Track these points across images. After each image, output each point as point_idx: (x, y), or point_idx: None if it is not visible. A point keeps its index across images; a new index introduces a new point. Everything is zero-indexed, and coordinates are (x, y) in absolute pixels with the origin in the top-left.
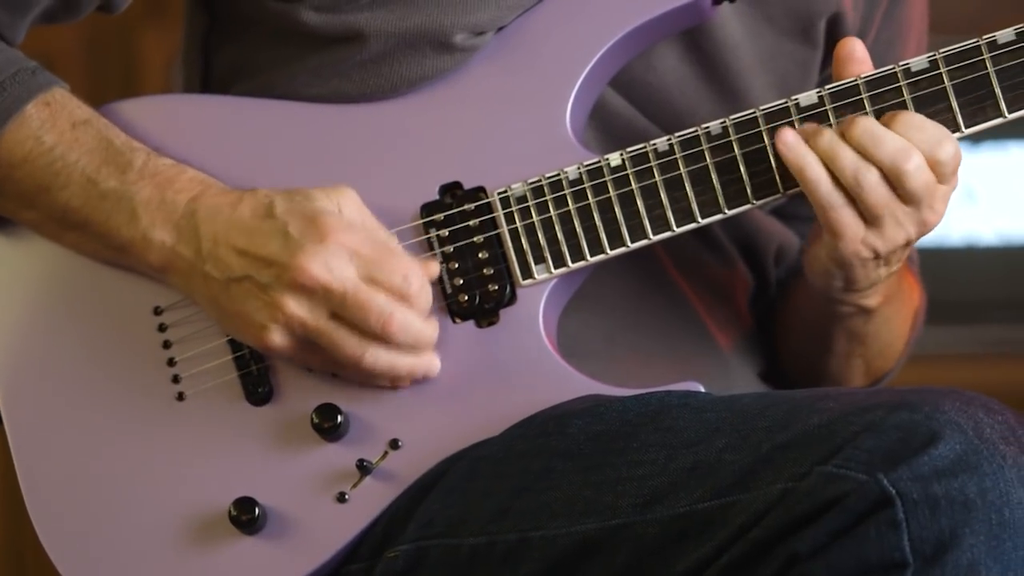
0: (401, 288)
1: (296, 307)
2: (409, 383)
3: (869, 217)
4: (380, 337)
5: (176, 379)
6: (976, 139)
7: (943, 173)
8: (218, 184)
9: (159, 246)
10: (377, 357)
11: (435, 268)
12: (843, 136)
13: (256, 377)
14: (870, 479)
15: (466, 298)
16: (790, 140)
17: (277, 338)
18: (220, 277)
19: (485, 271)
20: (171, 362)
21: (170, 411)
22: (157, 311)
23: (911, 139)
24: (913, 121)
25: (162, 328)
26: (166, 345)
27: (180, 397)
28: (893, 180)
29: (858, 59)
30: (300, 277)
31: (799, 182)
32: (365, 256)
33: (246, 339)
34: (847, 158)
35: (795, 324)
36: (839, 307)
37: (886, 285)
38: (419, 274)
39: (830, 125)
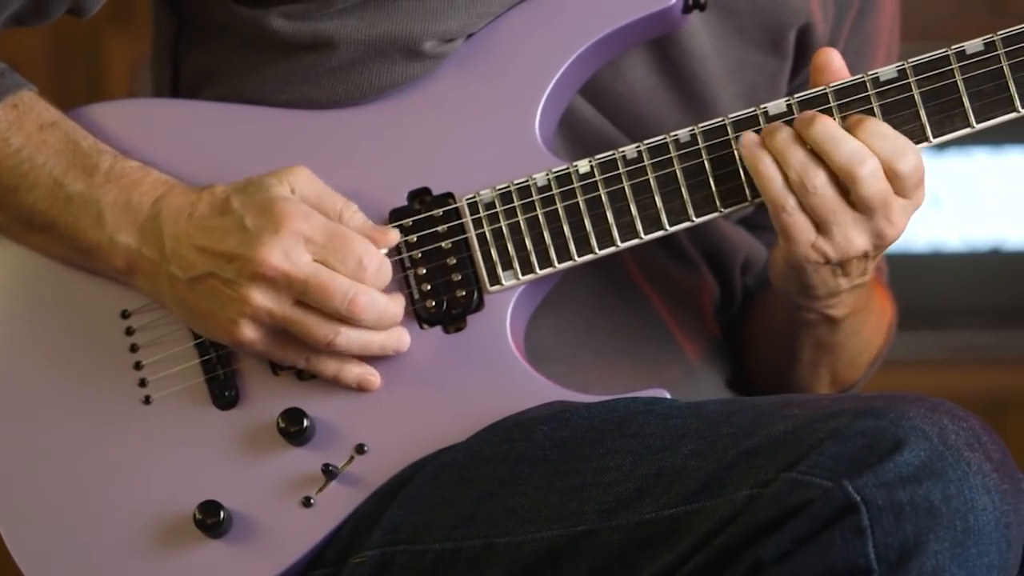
0: (356, 272)
1: (262, 298)
2: (378, 383)
3: (816, 221)
4: (347, 318)
5: (143, 383)
6: (942, 145)
7: (902, 186)
8: (181, 185)
9: (124, 248)
10: (348, 338)
11: (393, 237)
12: (800, 135)
13: (223, 381)
14: (835, 486)
15: (433, 304)
16: (750, 140)
17: (247, 331)
18: (184, 276)
19: (453, 277)
20: (138, 365)
21: (136, 414)
22: (124, 315)
23: (872, 146)
24: (877, 128)
25: (129, 332)
26: (133, 349)
27: (147, 400)
28: (846, 184)
29: (835, 68)
30: (261, 268)
31: (756, 184)
32: (320, 241)
33: (216, 336)
34: (796, 158)
35: (763, 332)
36: (804, 314)
37: (853, 297)
38: (374, 255)
39: None
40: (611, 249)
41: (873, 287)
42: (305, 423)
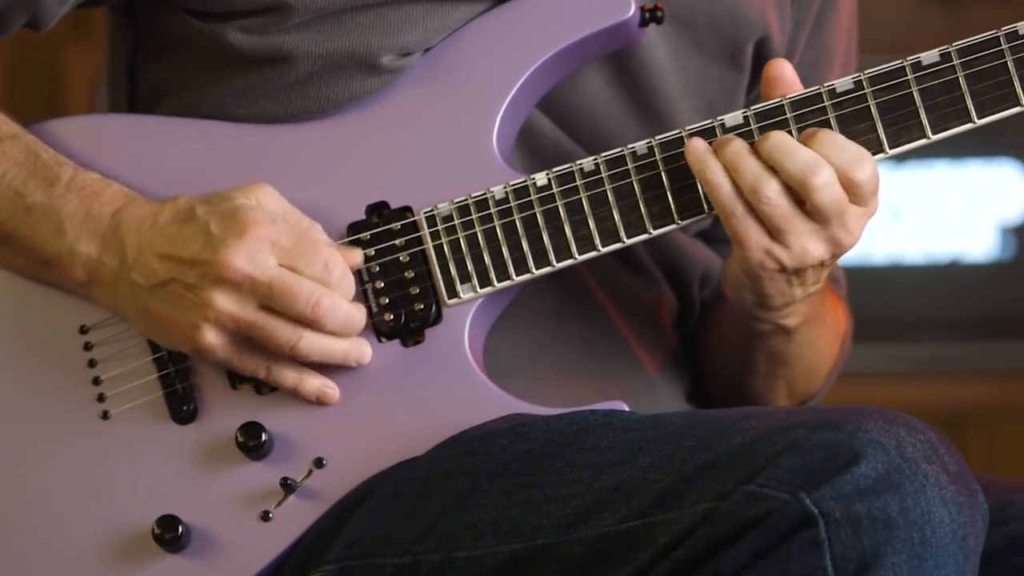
0: (322, 276)
1: (225, 302)
2: (337, 396)
3: (770, 229)
4: (311, 321)
5: (101, 397)
6: (900, 157)
7: (859, 194)
8: (143, 197)
9: (84, 259)
10: (311, 342)
11: (357, 256)
12: (754, 149)
13: (181, 395)
14: (793, 498)
15: (391, 317)
16: (697, 148)
17: (210, 336)
18: (146, 284)
19: (411, 290)
20: (96, 380)
21: (95, 429)
22: (83, 329)
23: (827, 155)
24: (833, 139)
25: (87, 347)
26: (91, 364)
27: (105, 415)
28: (800, 193)
29: (787, 80)
30: (225, 272)
31: (703, 187)
32: (285, 246)
33: (177, 343)
34: (749, 168)
35: (719, 345)
36: (758, 325)
37: (806, 306)
38: (340, 262)
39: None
40: (569, 262)
41: (825, 295)
42: (263, 437)
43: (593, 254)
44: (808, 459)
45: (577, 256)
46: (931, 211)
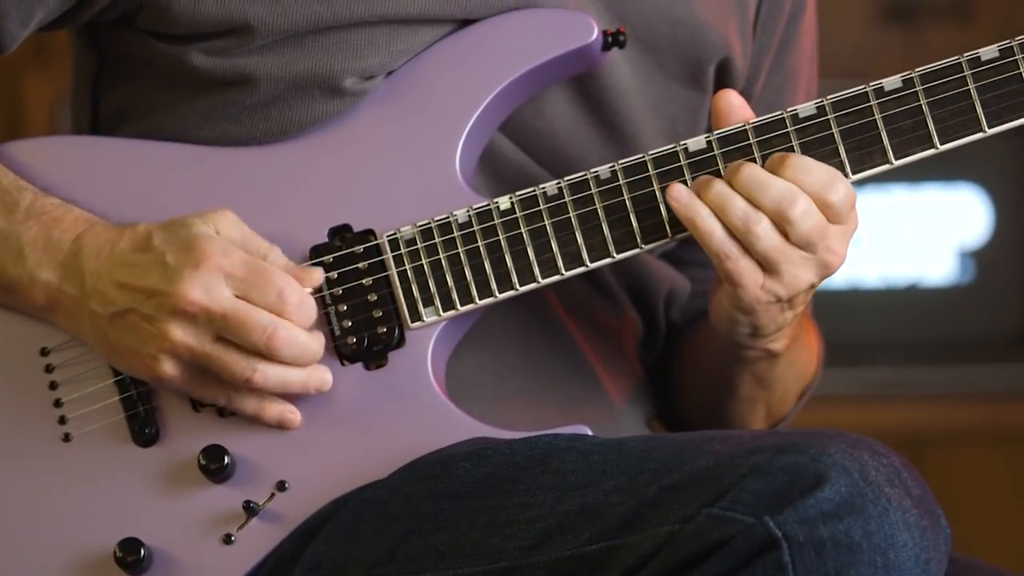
0: (277, 305)
1: (181, 333)
2: (299, 421)
3: (765, 264)
4: (266, 353)
5: (63, 420)
6: (860, 181)
7: (835, 214)
8: (103, 223)
9: (44, 285)
10: (267, 374)
11: (317, 276)
12: (730, 184)
13: (143, 418)
14: (756, 521)
15: (354, 340)
16: (682, 195)
17: (167, 367)
18: (104, 312)
19: (374, 313)
20: (58, 403)
21: (56, 452)
22: (44, 352)
23: (799, 183)
24: (801, 164)
25: (49, 369)
26: (53, 386)
27: (66, 438)
28: (781, 226)
29: (736, 108)
30: (180, 303)
31: (693, 236)
32: (240, 276)
33: (136, 372)
34: (737, 207)
35: (697, 371)
36: (746, 352)
37: (792, 327)
38: (295, 289)
39: (719, 170)
40: (532, 285)
41: (804, 315)
42: (226, 460)
43: (556, 278)
44: (772, 482)
45: (540, 280)
46: (890, 235)
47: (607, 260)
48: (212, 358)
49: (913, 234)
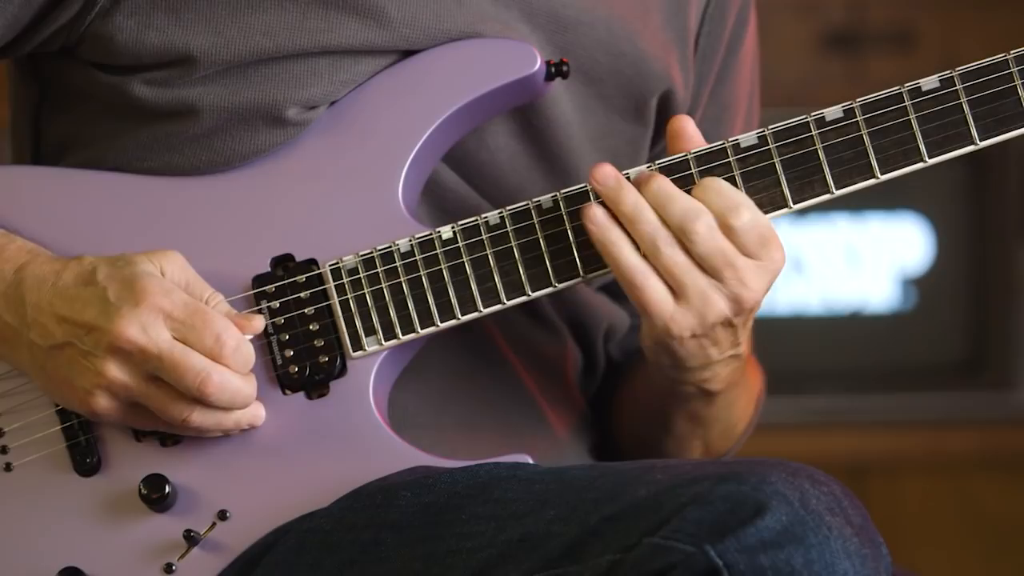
0: (213, 349)
1: (117, 371)
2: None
3: (672, 285)
4: (198, 398)
5: (3, 450)
6: (803, 210)
7: (742, 242)
8: (46, 253)
9: None
10: (203, 418)
11: (258, 323)
12: (641, 192)
13: (84, 448)
14: (697, 550)
15: (296, 369)
16: (598, 217)
17: (102, 402)
18: (43, 344)
19: (316, 343)
20: None
21: None
22: None
23: (706, 201)
24: (712, 185)
25: None
26: None
27: (7, 468)
28: (683, 242)
29: (689, 135)
30: (117, 341)
31: (605, 259)
32: (179, 318)
33: (73, 405)
34: (648, 220)
35: (634, 405)
36: (681, 388)
37: (729, 371)
38: (233, 334)
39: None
40: (474, 315)
41: (747, 361)
42: (167, 489)
43: (498, 307)
44: (713, 511)
45: (482, 309)
46: (832, 262)
47: (549, 290)
48: (147, 396)
49: (855, 261)
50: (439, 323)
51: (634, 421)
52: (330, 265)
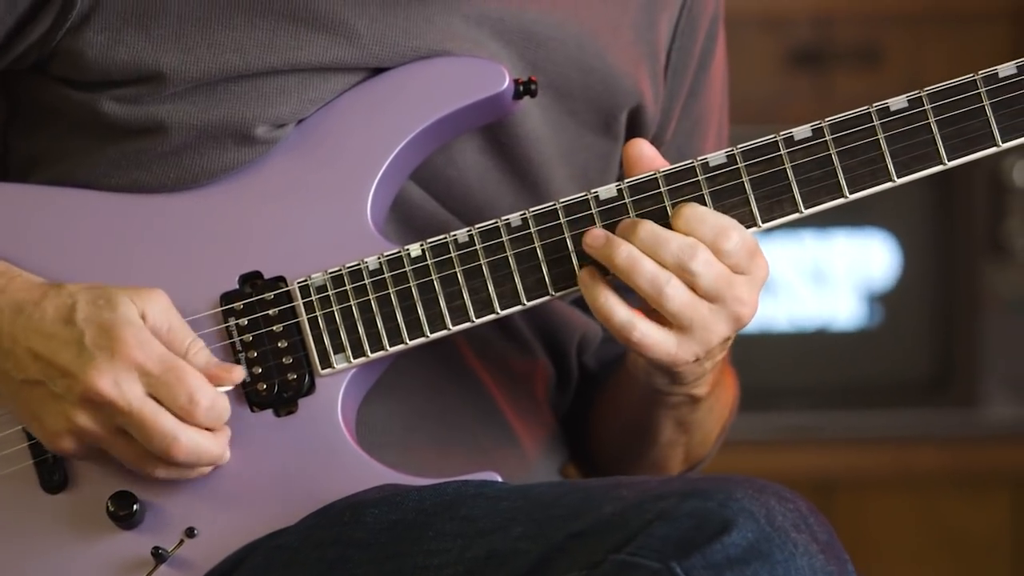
0: (185, 408)
1: (86, 420)
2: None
3: (677, 325)
4: (164, 459)
5: None
6: (769, 229)
7: (734, 263)
8: (23, 276)
9: None
10: (167, 472)
11: (237, 374)
12: (626, 236)
13: (51, 465)
14: (663, 567)
15: (264, 387)
16: (585, 279)
17: (69, 444)
18: (16, 377)
19: (284, 360)
20: None
21: None
22: None
23: (694, 232)
24: (695, 214)
25: None
26: None
27: None
28: (686, 280)
29: (648, 158)
30: (88, 392)
31: (594, 313)
32: (153, 373)
33: (41, 439)
34: (646, 271)
35: (615, 418)
36: (668, 398)
37: (713, 373)
38: (207, 393)
39: (628, 218)
40: (442, 332)
41: (724, 361)
42: (135, 507)
43: (467, 325)
44: (678, 528)
45: (451, 327)
46: (798, 278)
47: (518, 307)
48: (113, 447)
49: (821, 278)
50: (408, 341)
51: (614, 432)
52: (299, 282)
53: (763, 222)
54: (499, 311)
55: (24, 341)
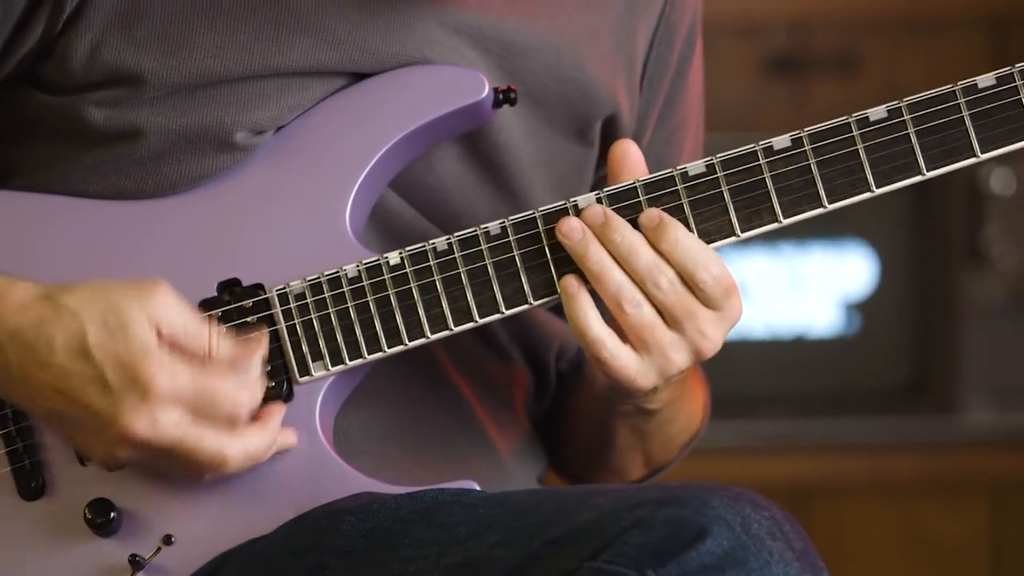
0: (231, 418)
1: (127, 453)
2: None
3: (635, 343)
4: (215, 473)
5: None
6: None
7: (706, 296)
8: (11, 294)
9: None
10: (214, 478)
11: (260, 340)
12: (602, 238)
13: (29, 471)
14: (639, 575)
15: None
16: (570, 285)
17: (116, 467)
18: (43, 405)
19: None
20: None
21: None
22: None
23: (672, 255)
24: (678, 236)
25: None
26: None
27: None
28: (650, 297)
29: (633, 160)
30: (125, 434)
31: (570, 323)
32: (187, 400)
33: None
34: (612, 281)
35: (577, 418)
36: (620, 407)
37: (667, 392)
38: (243, 394)
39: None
40: (421, 340)
41: (689, 376)
42: (112, 514)
43: (446, 333)
44: (654, 536)
45: (430, 335)
46: (775, 286)
47: (496, 316)
48: (166, 467)
49: (798, 286)
50: (386, 349)
51: (580, 433)
52: (277, 290)
53: (742, 232)
54: (478, 319)
55: (39, 374)
